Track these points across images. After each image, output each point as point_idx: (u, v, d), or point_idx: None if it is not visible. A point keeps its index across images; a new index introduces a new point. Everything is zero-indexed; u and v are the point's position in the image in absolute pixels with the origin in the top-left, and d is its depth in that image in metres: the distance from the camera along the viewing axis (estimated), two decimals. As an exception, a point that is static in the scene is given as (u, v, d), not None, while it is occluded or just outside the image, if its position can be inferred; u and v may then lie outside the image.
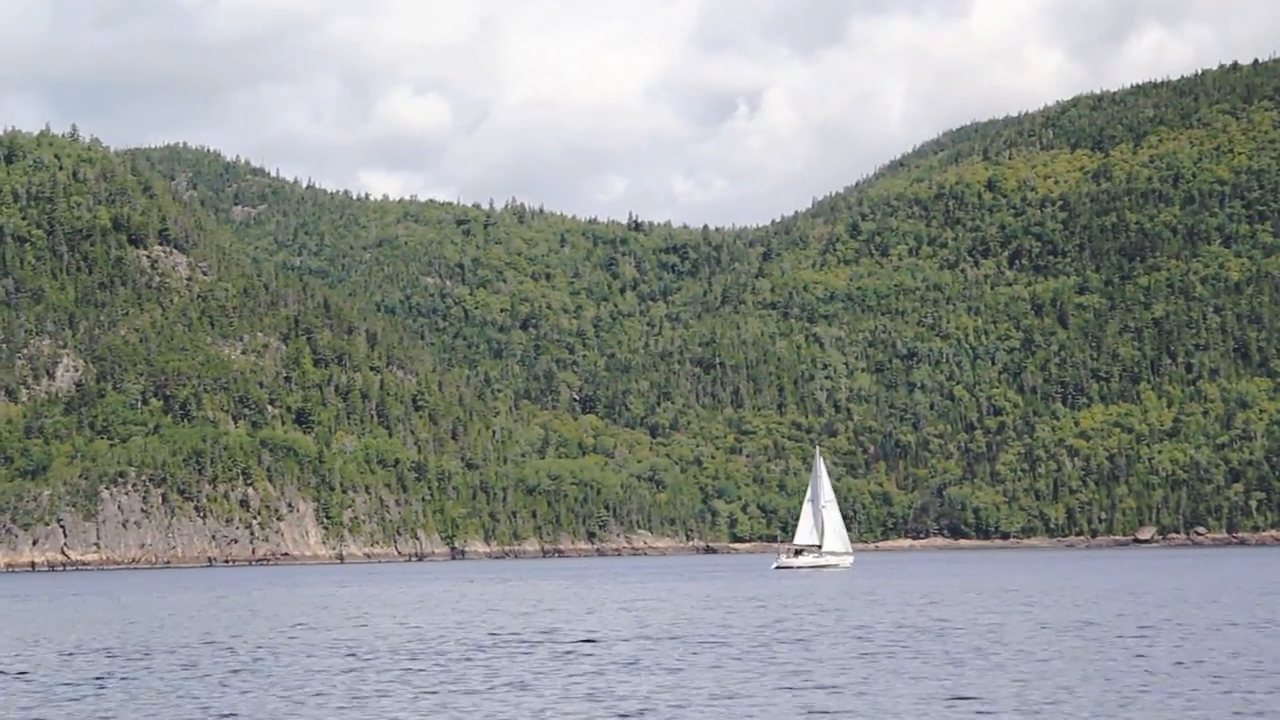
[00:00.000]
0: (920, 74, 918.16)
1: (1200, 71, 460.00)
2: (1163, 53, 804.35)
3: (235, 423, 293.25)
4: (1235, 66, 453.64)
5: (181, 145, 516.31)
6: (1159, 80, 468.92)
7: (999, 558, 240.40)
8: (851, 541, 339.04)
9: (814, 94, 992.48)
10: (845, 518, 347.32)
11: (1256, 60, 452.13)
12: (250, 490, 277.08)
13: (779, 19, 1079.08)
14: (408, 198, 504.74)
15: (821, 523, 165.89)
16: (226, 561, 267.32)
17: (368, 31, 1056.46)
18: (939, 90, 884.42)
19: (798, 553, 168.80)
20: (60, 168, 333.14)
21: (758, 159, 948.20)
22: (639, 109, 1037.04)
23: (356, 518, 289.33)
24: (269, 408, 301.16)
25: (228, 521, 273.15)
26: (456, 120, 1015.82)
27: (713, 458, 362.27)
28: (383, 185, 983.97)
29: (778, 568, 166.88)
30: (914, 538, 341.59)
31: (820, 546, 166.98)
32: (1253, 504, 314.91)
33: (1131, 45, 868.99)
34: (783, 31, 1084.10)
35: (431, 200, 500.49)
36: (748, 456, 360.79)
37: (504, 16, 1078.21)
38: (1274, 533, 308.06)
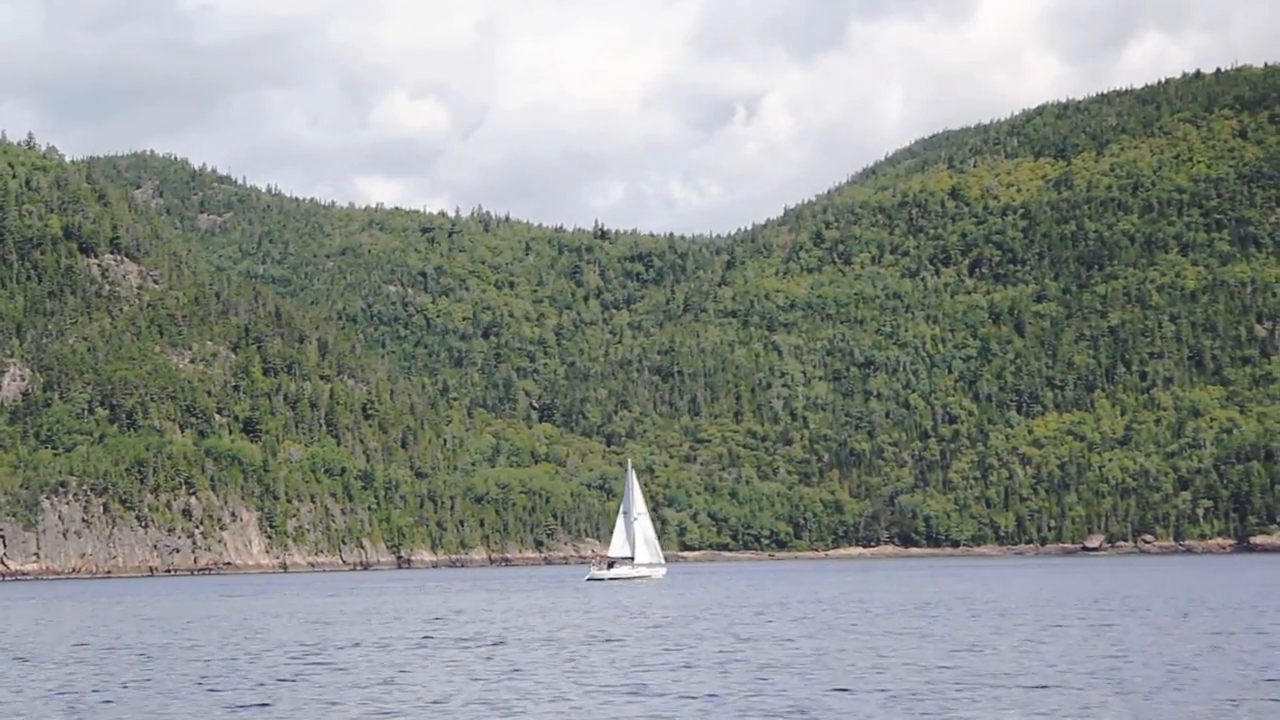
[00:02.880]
0: (918, 78, 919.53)
1: (1163, 80, 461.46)
2: (1162, 58, 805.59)
3: (182, 432, 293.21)
4: (1198, 75, 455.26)
5: (149, 153, 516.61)
6: (1123, 89, 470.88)
7: (886, 568, 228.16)
8: (803, 549, 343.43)
9: (812, 99, 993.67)
10: (797, 525, 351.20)
11: (1219, 69, 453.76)
12: (193, 500, 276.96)
13: (777, 23, 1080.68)
14: (373, 205, 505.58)
15: (633, 535, 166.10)
16: (168, 571, 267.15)
17: (366, 36, 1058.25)
18: (937, 95, 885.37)
19: (610, 564, 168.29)
20: (14, 175, 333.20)
21: (755, 164, 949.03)
22: (637, 114, 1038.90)
23: (301, 527, 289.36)
24: (216, 417, 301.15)
25: (169, 531, 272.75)
26: (454, 125, 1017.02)
27: (666, 466, 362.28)
28: (379, 191, 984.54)
29: (590, 580, 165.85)
30: (865, 545, 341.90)
31: (632, 558, 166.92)
32: (1200, 512, 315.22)
33: (1131, 50, 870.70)
34: (781, 36, 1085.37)
35: (397, 208, 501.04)
36: (701, 464, 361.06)
37: (502, 21, 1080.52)
38: (1220, 540, 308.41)
